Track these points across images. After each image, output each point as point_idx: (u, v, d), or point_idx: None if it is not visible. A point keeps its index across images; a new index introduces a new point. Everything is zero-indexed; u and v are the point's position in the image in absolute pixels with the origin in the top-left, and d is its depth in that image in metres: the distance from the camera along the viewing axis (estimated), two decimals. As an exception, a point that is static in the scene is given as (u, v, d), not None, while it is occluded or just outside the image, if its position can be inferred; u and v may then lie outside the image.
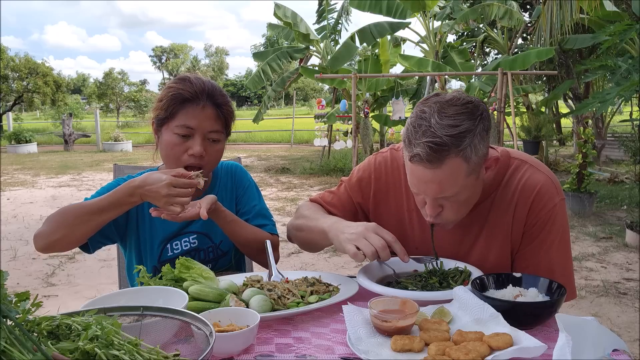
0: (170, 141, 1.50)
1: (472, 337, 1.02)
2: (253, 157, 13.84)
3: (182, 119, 1.49)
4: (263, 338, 1.13)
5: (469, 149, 1.19)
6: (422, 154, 1.18)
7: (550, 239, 1.35)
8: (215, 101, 1.52)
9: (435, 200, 1.28)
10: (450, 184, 1.22)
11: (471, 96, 1.27)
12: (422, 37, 10.40)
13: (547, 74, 10.18)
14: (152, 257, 1.61)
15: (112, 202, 1.40)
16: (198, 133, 1.49)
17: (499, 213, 1.38)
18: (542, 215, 1.33)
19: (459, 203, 1.28)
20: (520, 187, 1.35)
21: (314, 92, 49.63)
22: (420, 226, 1.47)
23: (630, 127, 10.96)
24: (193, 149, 1.49)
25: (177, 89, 1.51)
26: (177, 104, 1.49)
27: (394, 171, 1.52)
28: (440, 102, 1.22)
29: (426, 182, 1.23)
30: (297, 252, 5.24)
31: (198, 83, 1.52)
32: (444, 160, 1.18)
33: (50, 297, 4.08)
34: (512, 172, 1.39)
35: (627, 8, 7.86)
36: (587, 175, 6.22)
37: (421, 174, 1.22)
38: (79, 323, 0.87)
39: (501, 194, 1.37)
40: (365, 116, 8.47)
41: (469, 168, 1.21)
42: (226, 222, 1.56)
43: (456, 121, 1.19)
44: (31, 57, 21.85)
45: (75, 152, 16.34)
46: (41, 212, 7.22)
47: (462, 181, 1.22)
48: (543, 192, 1.34)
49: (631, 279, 4.24)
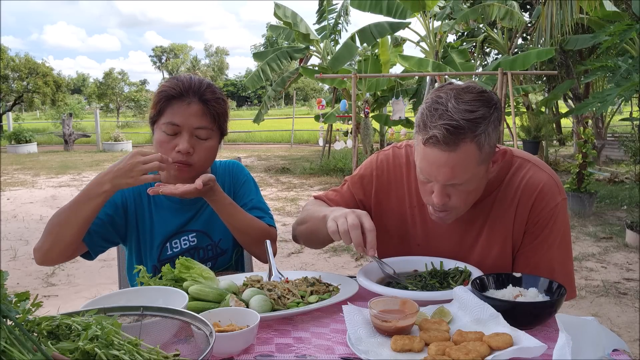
0: (159, 139, 1.51)
1: (472, 337, 1.02)
2: (253, 157, 13.84)
3: (168, 116, 1.49)
4: (263, 338, 1.13)
5: (483, 136, 1.19)
6: (439, 135, 1.18)
7: (551, 238, 1.35)
8: (202, 97, 1.51)
9: (444, 188, 1.26)
10: (463, 170, 1.21)
11: (484, 87, 1.27)
12: (422, 37, 10.40)
13: (547, 74, 10.19)
14: (152, 256, 1.62)
15: (84, 195, 1.40)
16: (185, 130, 1.49)
17: (501, 211, 1.38)
18: (544, 214, 1.33)
19: (467, 193, 1.28)
20: (522, 186, 1.35)
21: (314, 92, 49.63)
22: (423, 223, 1.47)
23: (630, 127, 10.97)
24: (180, 145, 1.48)
25: (165, 87, 1.52)
26: (164, 102, 1.50)
27: (396, 168, 1.52)
28: (456, 89, 1.22)
29: (439, 166, 1.22)
30: (297, 252, 5.24)
31: (185, 80, 1.52)
32: (459, 144, 1.18)
33: (50, 297, 4.08)
34: (514, 171, 1.39)
35: (627, 8, 7.86)
36: (587, 175, 6.23)
37: (435, 158, 1.21)
38: (79, 323, 0.87)
39: (503, 192, 1.37)
40: (366, 116, 8.48)
41: (480, 156, 1.21)
42: (223, 204, 1.52)
43: (473, 107, 1.19)
44: (31, 57, 21.87)
45: (75, 152, 16.34)
46: (41, 212, 7.22)
47: (473, 169, 1.22)
48: (545, 191, 1.34)
49: (631, 279, 4.24)
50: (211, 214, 1.65)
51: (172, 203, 1.64)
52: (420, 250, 1.47)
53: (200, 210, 1.66)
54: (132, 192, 1.62)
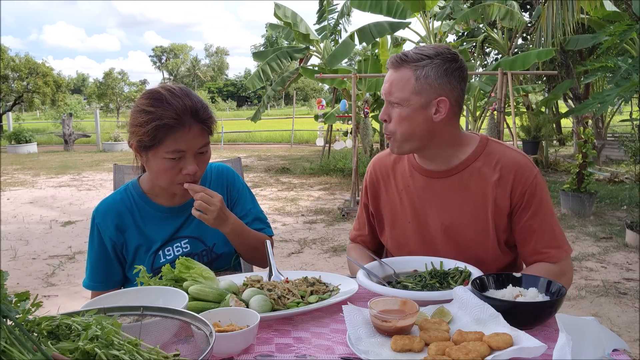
0: (162, 166, 1.48)
1: (472, 337, 1.02)
2: (253, 157, 13.84)
3: (170, 145, 1.45)
4: (263, 338, 1.13)
5: (422, 71, 1.44)
6: (391, 58, 1.49)
7: (543, 205, 1.51)
8: (198, 118, 1.48)
9: (387, 106, 1.51)
10: (398, 89, 1.46)
11: (455, 52, 1.51)
12: (422, 37, 10.40)
13: (547, 74, 10.18)
14: (146, 265, 1.58)
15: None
16: (189, 153, 1.48)
17: (482, 181, 1.53)
18: (528, 184, 1.50)
19: (401, 117, 1.48)
20: (501, 162, 1.52)
21: (314, 92, 49.64)
22: (411, 204, 1.62)
23: (630, 127, 10.97)
24: (187, 168, 1.48)
25: (157, 115, 1.43)
26: (162, 132, 1.44)
27: (381, 167, 1.72)
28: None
29: (385, 82, 1.50)
30: (297, 252, 5.24)
31: (177, 103, 1.44)
32: (400, 68, 1.47)
33: (50, 297, 4.08)
34: (490, 147, 1.56)
35: (627, 8, 7.86)
36: (587, 175, 6.22)
37: (386, 77, 1.50)
38: (79, 323, 0.87)
39: (482, 164, 1.53)
40: (365, 116, 8.47)
41: (416, 86, 1.45)
42: (236, 234, 1.60)
43: (424, 49, 1.47)
44: (31, 57, 21.87)
45: (75, 152, 16.35)
46: (41, 212, 7.23)
47: (408, 94, 1.45)
48: (523, 166, 1.52)
49: (631, 279, 4.23)
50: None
51: (159, 213, 1.63)
52: (411, 227, 1.61)
53: (190, 216, 1.62)
54: (113, 223, 1.61)
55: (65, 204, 7.90)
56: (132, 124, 1.48)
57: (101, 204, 1.64)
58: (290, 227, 6.27)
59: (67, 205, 7.73)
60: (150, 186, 1.63)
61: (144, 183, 1.64)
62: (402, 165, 1.65)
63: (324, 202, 7.84)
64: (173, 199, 1.63)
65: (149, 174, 1.58)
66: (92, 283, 1.63)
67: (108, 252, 1.61)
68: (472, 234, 1.53)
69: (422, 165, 1.59)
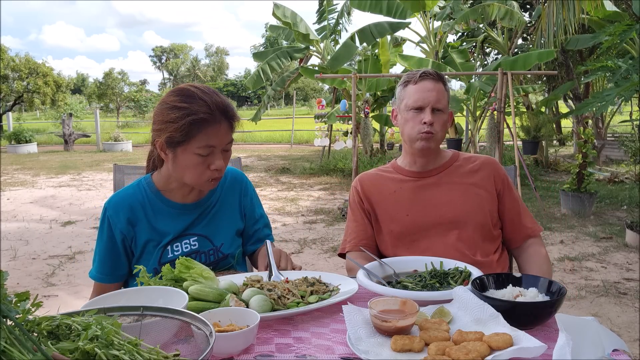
0: (192, 162, 1.51)
1: (472, 337, 1.02)
2: (253, 157, 13.84)
3: (203, 140, 1.48)
4: (263, 338, 1.13)
5: (447, 87, 1.78)
6: (430, 71, 1.75)
7: (514, 191, 1.85)
8: (227, 115, 1.52)
9: (432, 112, 1.71)
10: (442, 97, 1.73)
11: None
12: (422, 37, 10.39)
13: (547, 74, 10.17)
14: (153, 258, 1.62)
15: None
16: (218, 149, 1.52)
17: (466, 173, 1.81)
18: (502, 173, 1.83)
19: (442, 122, 1.74)
20: (478, 159, 1.84)
21: (314, 92, 49.62)
22: (409, 197, 1.80)
23: (630, 127, 10.97)
24: (215, 164, 1.52)
25: (192, 110, 1.46)
26: (196, 127, 1.47)
27: (369, 178, 1.89)
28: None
29: (430, 91, 1.72)
30: (297, 252, 5.24)
31: (210, 100, 1.48)
32: (440, 81, 1.75)
33: (50, 297, 4.08)
34: (464, 154, 1.88)
35: (627, 8, 7.86)
36: (587, 175, 6.22)
37: (427, 86, 1.72)
38: (79, 323, 0.87)
39: (462, 162, 1.83)
40: (366, 116, 8.47)
41: (447, 98, 1.76)
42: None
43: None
44: (31, 57, 21.86)
45: (75, 152, 16.34)
46: (41, 212, 7.22)
47: (446, 103, 1.75)
48: (494, 160, 1.86)
49: (631, 279, 4.23)
50: (212, 219, 1.68)
51: (171, 209, 1.65)
52: (410, 219, 1.76)
53: (201, 215, 1.67)
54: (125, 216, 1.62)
55: (65, 204, 7.90)
56: (162, 121, 1.50)
57: (113, 197, 1.65)
58: (290, 227, 6.27)
59: (67, 205, 7.73)
60: (165, 182, 1.64)
61: (158, 179, 1.66)
62: (388, 174, 1.87)
63: (324, 202, 7.84)
64: (186, 196, 1.65)
65: (173, 170, 1.58)
66: (99, 275, 1.64)
67: (117, 245, 1.62)
68: (467, 216, 1.74)
69: (410, 169, 1.83)
